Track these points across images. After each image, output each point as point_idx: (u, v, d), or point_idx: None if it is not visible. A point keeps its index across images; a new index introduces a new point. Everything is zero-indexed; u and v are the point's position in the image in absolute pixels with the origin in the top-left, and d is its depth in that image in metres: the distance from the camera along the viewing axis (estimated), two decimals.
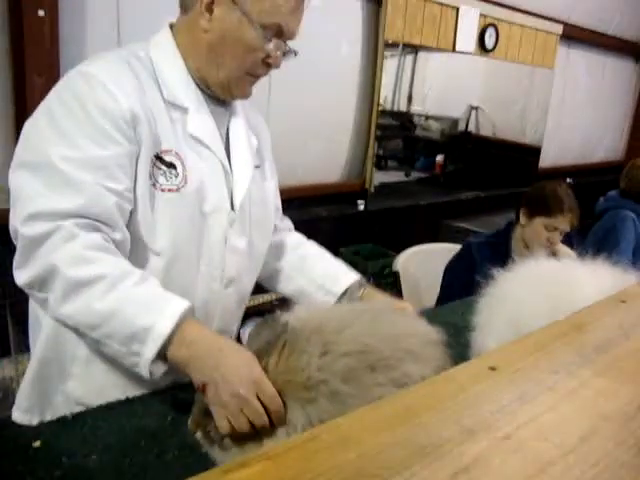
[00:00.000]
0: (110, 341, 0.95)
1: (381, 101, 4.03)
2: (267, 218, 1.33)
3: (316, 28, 3.49)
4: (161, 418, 1.02)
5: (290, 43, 1.15)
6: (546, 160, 5.54)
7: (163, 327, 0.91)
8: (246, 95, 1.21)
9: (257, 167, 1.29)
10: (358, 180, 3.96)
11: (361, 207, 3.86)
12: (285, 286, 1.42)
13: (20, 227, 0.97)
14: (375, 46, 3.80)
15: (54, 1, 2.39)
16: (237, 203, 1.19)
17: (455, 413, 0.55)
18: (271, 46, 1.11)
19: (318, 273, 1.38)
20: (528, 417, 0.55)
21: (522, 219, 2.18)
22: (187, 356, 0.92)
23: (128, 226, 1.06)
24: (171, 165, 1.10)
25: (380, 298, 1.36)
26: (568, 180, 5.59)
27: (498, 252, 2.20)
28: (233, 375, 0.87)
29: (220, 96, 1.19)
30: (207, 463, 0.89)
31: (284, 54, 1.15)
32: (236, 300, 1.26)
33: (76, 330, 0.98)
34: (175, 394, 1.08)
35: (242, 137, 1.25)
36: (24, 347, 2.49)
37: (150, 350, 0.92)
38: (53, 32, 2.41)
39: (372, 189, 3.97)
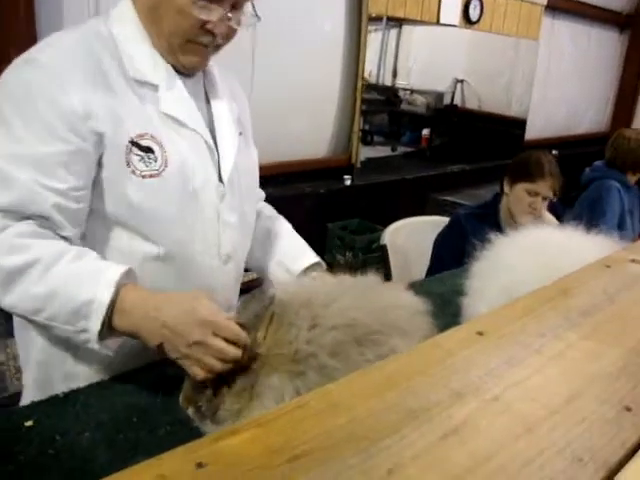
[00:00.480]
0: (56, 323, 0.94)
1: (366, 75, 4.01)
2: (254, 187, 1.30)
3: (300, 3, 3.45)
4: (152, 394, 1.02)
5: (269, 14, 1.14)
6: (532, 132, 5.55)
7: (102, 298, 0.91)
8: (197, 65, 1.12)
9: (240, 134, 1.23)
10: (344, 155, 3.95)
11: (347, 182, 3.85)
12: (247, 258, 1.33)
13: None
14: (359, 20, 3.76)
15: None
16: (225, 176, 1.15)
17: (443, 377, 0.55)
18: (204, 12, 1.01)
19: (280, 250, 1.34)
20: (515, 380, 0.56)
21: (505, 187, 2.19)
22: (132, 323, 0.92)
23: (106, 219, 1.04)
24: (148, 149, 1.03)
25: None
26: (553, 152, 5.62)
27: (487, 223, 2.21)
28: (179, 326, 0.88)
29: (175, 66, 1.10)
30: (199, 437, 0.89)
31: (230, 20, 1.04)
32: (235, 276, 1.24)
33: (25, 318, 0.97)
34: (164, 369, 1.08)
35: (224, 107, 1.19)
36: (12, 331, 2.49)
37: (95, 324, 0.91)
38: (29, 7, 2.36)
39: (358, 164, 3.96)
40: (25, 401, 1.15)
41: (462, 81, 5.73)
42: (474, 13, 4.44)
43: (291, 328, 0.91)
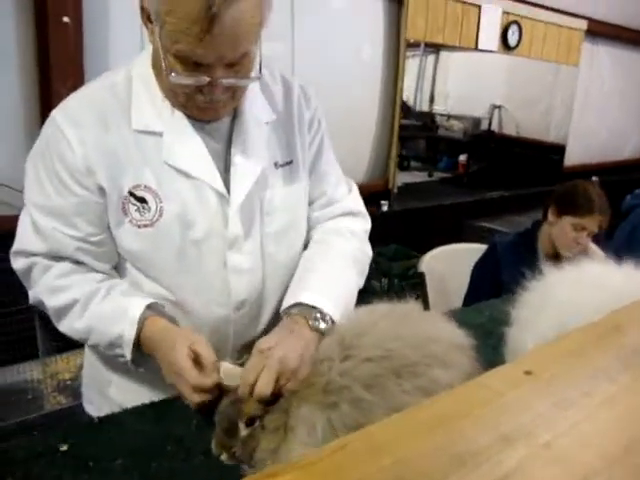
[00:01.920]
0: (101, 348, 1.10)
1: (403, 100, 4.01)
2: (292, 226, 1.19)
3: (338, 29, 3.49)
4: (186, 422, 1.01)
5: (310, 45, 1.12)
6: (571, 158, 5.46)
7: (128, 335, 1.04)
8: (209, 119, 1.07)
9: (288, 164, 1.16)
10: (381, 180, 3.94)
11: (384, 208, 3.84)
12: None
13: (11, 259, 1.11)
14: (397, 46, 3.78)
15: (78, 8, 2.43)
16: (234, 226, 1.09)
17: (491, 420, 0.53)
18: (180, 80, 0.95)
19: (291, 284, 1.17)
20: (568, 424, 0.53)
21: (550, 217, 2.13)
22: (152, 353, 1.04)
23: (124, 260, 1.12)
24: (142, 200, 1.05)
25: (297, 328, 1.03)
26: (594, 178, 5.50)
27: (524, 252, 2.16)
28: (164, 371, 1.00)
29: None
30: (234, 469, 0.88)
31: (219, 80, 0.96)
32: (251, 319, 1.18)
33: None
34: None
35: (250, 146, 1.10)
36: (52, 350, 2.53)
37: (127, 353, 1.05)
38: (77, 38, 2.44)
39: (395, 189, 3.95)
40: (83, 387, 1.35)
41: (500, 107, 5.69)
42: (513, 39, 4.42)
43: (323, 361, 0.89)
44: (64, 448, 0.94)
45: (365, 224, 1.31)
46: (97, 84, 1.08)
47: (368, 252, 1.29)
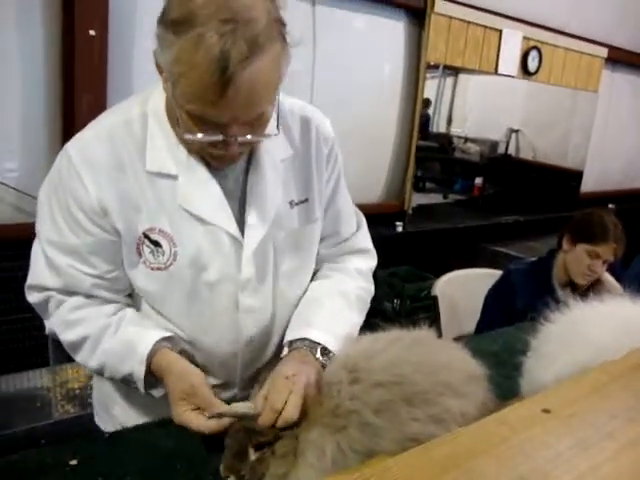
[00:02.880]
0: (115, 380, 1.12)
1: None
2: (304, 265, 1.19)
3: (359, 48, 3.51)
4: (196, 440, 1.00)
5: (330, 64, 1.07)
6: (588, 185, 5.43)
7: (138, 372, 1.04)
8: (224, 166, 1.04)
9: (304, 202, 1.14)
10: (397, 201, 3.94)
11: (399, 229, 3.83)
12: None
13: (26, 292, 1.12)
14: (417, 67, 3.80)
15: (104, 21, 2.47)
16: (247, 270, 1.08)
17: (509, 460, 0.52)
18: (194, 136, 0.92)
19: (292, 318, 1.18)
20: (588, 466, 0.52)
21: (565, 244, 2.12)
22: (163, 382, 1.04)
23: (138, 295, 1.12)
24: (156, 243, 1.04)
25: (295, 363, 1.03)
26: (610, 206, 5.47)
27: (539, 280, 2.15)
28: (170, 394, 1.00)
29: None
30: None
31: (228, 143, 0.93)
32: (259, 352, 1.18)
33: None
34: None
35: (265, 187, 1.08)
36: (62, 358, 2.53)
37: (140, 386, 1.06)
38: (102, 51, 2.48)
39: (410, 210, 3.94)
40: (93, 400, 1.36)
41: (517, 131, 5.68)
42: (533, 64, 4.42)
43: (331, 385, 0.89)
44: (74, 462, 0.94)
45: (371, 262, 1.31)
46: (113, 118, 1.04)
47: (371, 290, 1.30)
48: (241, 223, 1.07)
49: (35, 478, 0.90)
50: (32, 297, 1.11)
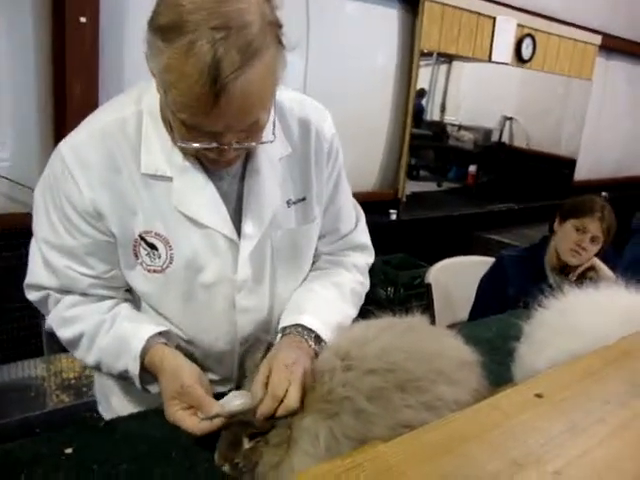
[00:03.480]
0: (113, 375, 1.11)
1: None
2: (301, 264, 1.19)
3: (352, 36, 3.49)
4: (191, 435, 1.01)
5: (331, 52, 1.04)
6: (581, 173, 5.45)
7: (133, 368, 1.04)
8: (221, 169, 1.02)
9: (301, 200, 1.12)
10: (391, 189, 3.94)
11: (393, 217, 3.83)
12: None
13: (25, 291, 1.12)
14: (410, 55, 3.78)
15: (96, 8, 2.44)
16: (243, 272, 1.08)
17: (501, 444, 0.52)
18: (188, 143, 0.90)
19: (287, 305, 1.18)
20: (579, 451, 0.53)
21: (555, 226, 2.16)
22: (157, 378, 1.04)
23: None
24: (153, 246, 1.03)
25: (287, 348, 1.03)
26: (603, 194, 5.48)
27: (530, 267, 2.17)
28: (163, 393, 0.99)
29: None
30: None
31: (223, 150, 0.91)
32: (255, 349, 1.16)
33: None
34: None
35: (262, 188, 1.06)
36: (57, 348, 2.53)
37: (137, 384, 1.06)
38: (93, 38, 2.45)
39: (404, 198, 3.94)
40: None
41: (511, 119, 5.67)
42: (526, 52, 4.41)
43: (324, 372, 0.89)
44: (69, 451, 0.94)
45: (368, 258, 1.31)
46: (107, 117, 1.01)
47: (366, 284, 1.30)
48: (238, 224, 1.06)
49: (30, 467, 0.90)
50: (31, 295, 1.11)
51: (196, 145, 0.90)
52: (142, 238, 1.03)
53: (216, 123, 0.85)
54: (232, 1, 0.80)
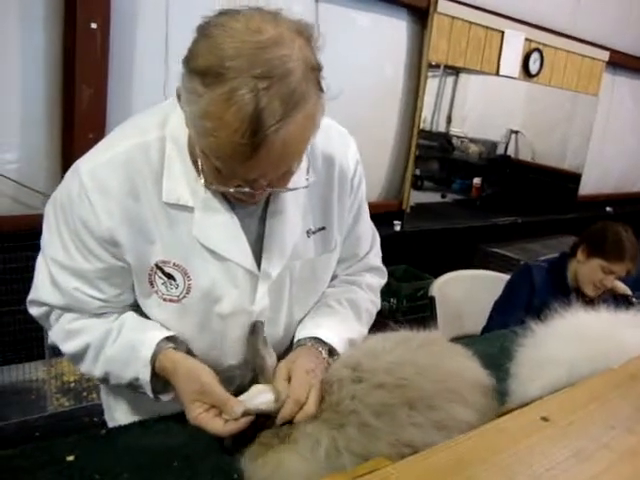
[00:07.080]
0: (121, 387, 1.09)
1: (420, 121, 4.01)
2: (317, 291, 1.17)
3: (361, 47, 3.51)
4: (195, 439, 1.00)
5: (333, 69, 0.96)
6: (586, 187, 5.44)
7: (143, 376, 1.02)
8: (247, 205, 0.99)
9: (321, 230, 1.10)
10: (395, 200, 3.94)
11: (397, 228, 3.83)
12: None
13: (27, 305, 1.10)
14: (418, 67, 3.79)
15: (106, 15, 2.46)
16: (263, 302, 1.07)
17: (507, 468, 0.52)
18: (219, 187, 0.90)
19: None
20: (585, 477, 0.53)
21: (580, 255, 2.15)
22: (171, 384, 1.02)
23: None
24: (170, 276, 1.01)
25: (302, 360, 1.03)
26: (608, 209, 5.48)
27: (556, 281, 2.19)
28: (182, 396, 0.97)
29: None
30: None
31: (259, 189, 0.88)
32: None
33: None
34: None
35: (284, 218, 1.04)
36: (58, 351, 2.53)
37: (149, 391, 1.04)
38: (104, 44, 2.47)
39: (408, 210, 3.94)
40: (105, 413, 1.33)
41: (517, 132, 5.68)
42: (534, 67, 4.42)
43: (333, 382, 0.89)
44: (71, 459, 0.94)
45: (381, 279, 1.31)
46: (130, 141, 0.98)
47: (378, 305, 1.30)
48: (258, 253, 1.04)
49: (32, 474, 0.90)
50: (33, 310, 1.09)
51: (228, 190, 0.89)
52: (159, 267, 1.01)
53: (251, 171, 0.84)
54: (276, 47, 0.77)
